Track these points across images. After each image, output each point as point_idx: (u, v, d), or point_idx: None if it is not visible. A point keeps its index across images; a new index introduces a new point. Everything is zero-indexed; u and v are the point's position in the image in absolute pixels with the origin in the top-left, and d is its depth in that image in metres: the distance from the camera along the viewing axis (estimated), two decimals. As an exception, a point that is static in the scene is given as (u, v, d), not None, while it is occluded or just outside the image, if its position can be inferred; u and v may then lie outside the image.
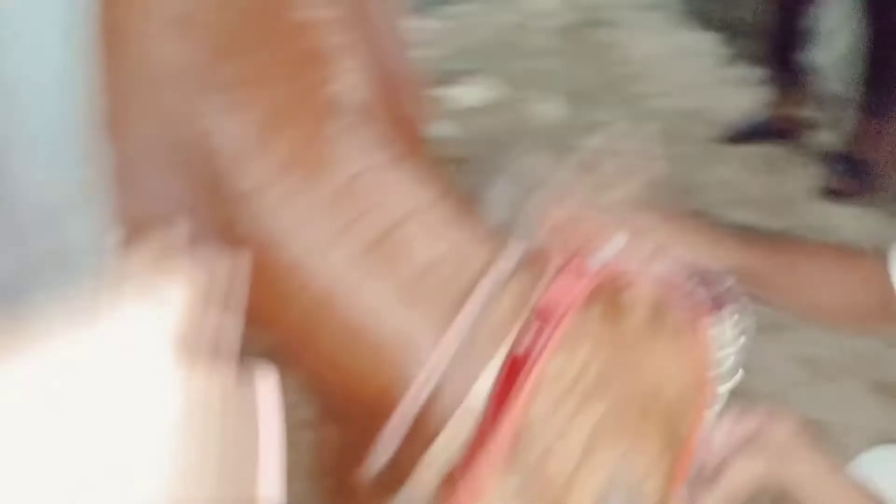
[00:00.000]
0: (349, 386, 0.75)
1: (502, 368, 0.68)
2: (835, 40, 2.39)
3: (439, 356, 0.72)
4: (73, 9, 0.68)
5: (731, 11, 2.94)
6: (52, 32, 0.69)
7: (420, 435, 0.76)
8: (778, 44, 2.34)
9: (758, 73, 2.51)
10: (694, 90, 2.64)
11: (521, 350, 0.68)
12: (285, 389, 0.47)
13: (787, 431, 0.77)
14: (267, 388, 0.44)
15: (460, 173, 0.88)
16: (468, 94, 2.37)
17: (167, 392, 0.36)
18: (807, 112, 2.42)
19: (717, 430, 0.77)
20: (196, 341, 0.40)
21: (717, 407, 0.75)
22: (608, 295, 0.70)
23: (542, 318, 0.68)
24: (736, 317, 0.75)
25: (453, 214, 0.73)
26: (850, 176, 2.23)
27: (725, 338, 0.75)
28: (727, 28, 2.87)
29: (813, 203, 2.23)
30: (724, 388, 0.75)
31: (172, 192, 0.75)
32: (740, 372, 0.74)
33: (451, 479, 0.72)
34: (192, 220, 0.68)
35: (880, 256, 0.86)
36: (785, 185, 2.29)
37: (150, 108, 0.73)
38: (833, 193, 2.23)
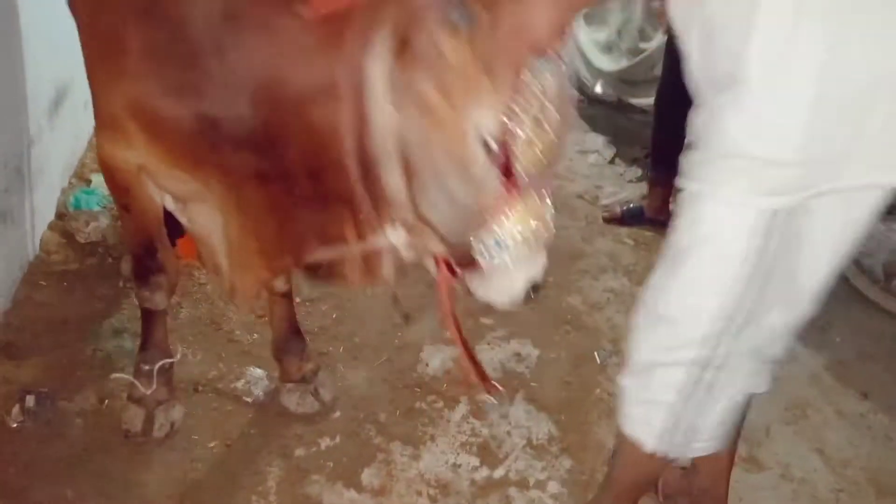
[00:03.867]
0: None
1: None
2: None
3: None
4: None
5: (615, 120, 3.59)
6: None
7: None
8: (663, 152, 2.78)
9: (633, 171, 3.18)
10: (583, 178, 3.16)
11: None
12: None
13: None
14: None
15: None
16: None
17: None
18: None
19: None
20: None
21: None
22: None
23: None
24: None
25: None
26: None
27: None
28: (612, 133, 3.48)
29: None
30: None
31: None
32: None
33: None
34: None
35: None
36: (653, 258, 2.73)
37: None
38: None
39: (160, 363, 1.86)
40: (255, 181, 1.37)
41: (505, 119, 1.13)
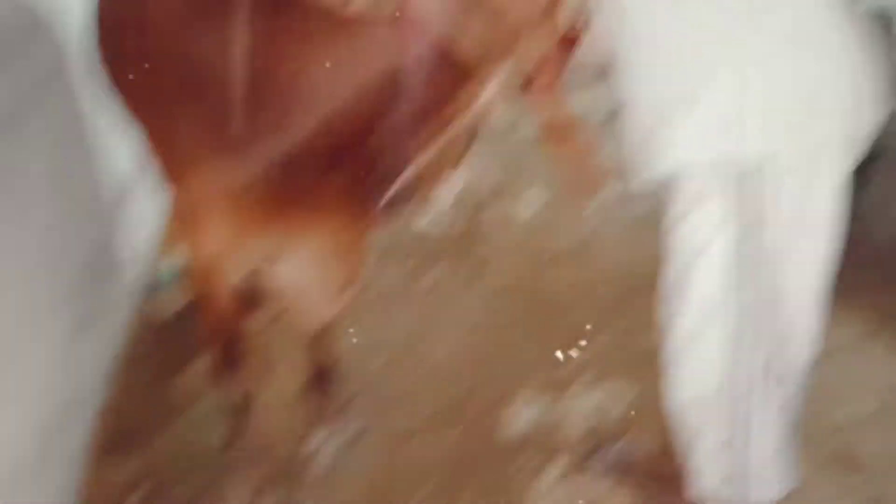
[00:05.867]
0: None
1: None
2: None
3: None
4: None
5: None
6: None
7: None
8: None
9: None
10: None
11: None
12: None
13: None
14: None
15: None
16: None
17: None
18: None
19: None
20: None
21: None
22: None
23: None
24: None
25: None
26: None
27: None
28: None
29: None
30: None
31: None
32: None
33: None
34: None
35: None
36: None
37: None
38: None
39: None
40: (336, 182, 1.40)
41: None
